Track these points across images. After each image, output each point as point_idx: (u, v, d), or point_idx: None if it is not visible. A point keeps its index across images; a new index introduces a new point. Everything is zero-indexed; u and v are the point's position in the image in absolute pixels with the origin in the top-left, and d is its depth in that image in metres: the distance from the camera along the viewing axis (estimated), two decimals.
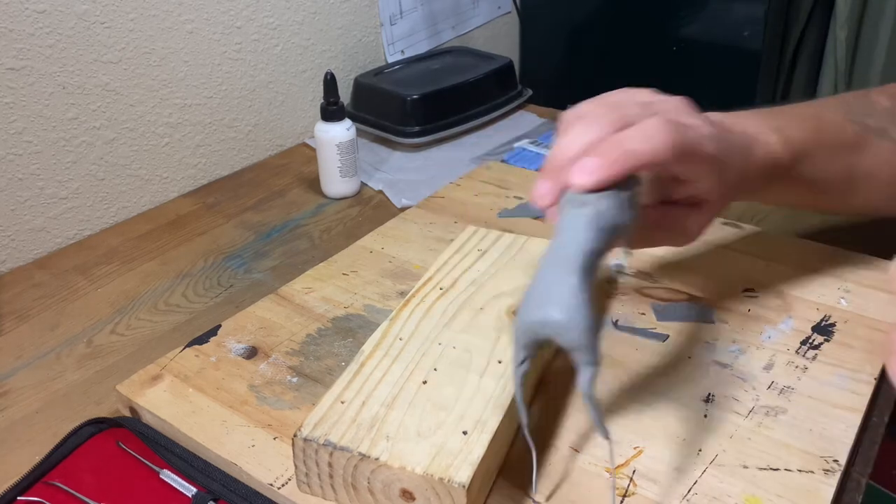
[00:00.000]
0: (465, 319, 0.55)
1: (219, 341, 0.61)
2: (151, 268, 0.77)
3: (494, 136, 1.05)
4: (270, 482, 0.48)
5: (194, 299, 0.72)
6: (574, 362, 0.40)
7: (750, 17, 1.23)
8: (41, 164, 0.78)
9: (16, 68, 0.74)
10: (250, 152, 1.00)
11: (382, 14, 1.14)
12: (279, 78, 1.01)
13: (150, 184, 0.89)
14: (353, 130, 0.87)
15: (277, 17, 0.98)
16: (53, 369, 0.63)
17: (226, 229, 0.84)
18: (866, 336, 0.59)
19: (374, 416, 0.46)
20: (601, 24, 1.39)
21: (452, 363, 0.51)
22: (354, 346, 0.60)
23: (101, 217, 0.85)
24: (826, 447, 0.49)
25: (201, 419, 0.53)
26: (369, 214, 0.86)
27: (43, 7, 0.75)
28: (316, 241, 0.81)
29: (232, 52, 0.94)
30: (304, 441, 0.45)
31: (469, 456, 0.44)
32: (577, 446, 0.50)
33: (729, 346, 0.58)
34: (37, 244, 0.80)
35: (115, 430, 0.53)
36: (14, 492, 0.48)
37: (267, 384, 0.56)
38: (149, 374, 0.57)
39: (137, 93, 0.85)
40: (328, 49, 1.07)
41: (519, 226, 0.77)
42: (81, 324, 0.69)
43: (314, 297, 0.66)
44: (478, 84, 1.07)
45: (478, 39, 1.35)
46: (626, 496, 0.46)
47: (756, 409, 0.52)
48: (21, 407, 0.59)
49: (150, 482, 0.49)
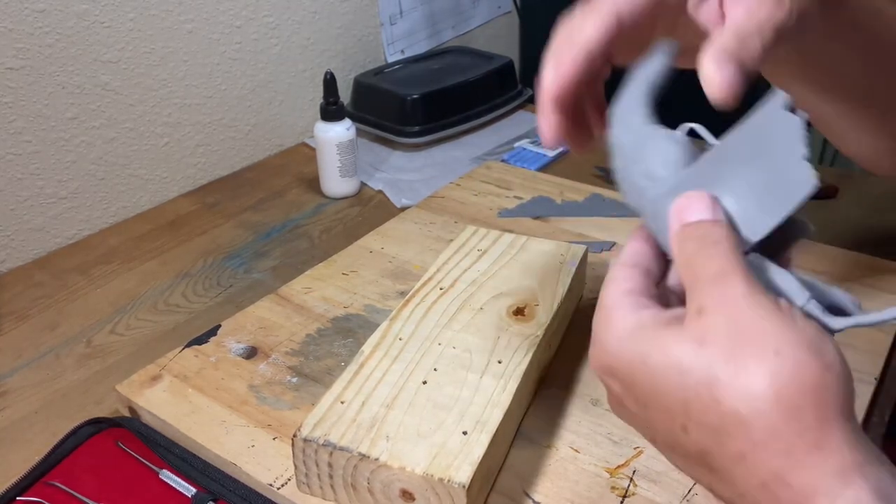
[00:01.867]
0: (464, 319, 0.55)
1: (218, 341, 0.61)
2: (151, 268, 0.77)
3: (494, 136, 1.05)
4: (270, 482, 0.48)
5: (194, 299, 0.72)
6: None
7: None
8: (41, 163, 0.78)
9: (15, 68, 0.74)
10: (250, 152, 1.00)
11: (382, 14, 1.14)
12: (279, 77, 1.01)
13: (150, 183, 0.89)
14: (352, 130, 0.87)
15: (277, 17, 0.98)
16: (53, 369, 0.63)
17: (225, 229, 0.84)
18: (866, 336, 0.59)
19: (374, 416, 0.46)
20: None
21: (452, 363, 0.51)
22: (354, 346, 0.60)
23: (101, 217, 0.85)
24: None
25: (201, 419, 0.53)
26: (369, 214, 0.86)
27: (42, 6, 0.75)
28: (316, 241, 0.81)
29: (231, 52, 0.94)
30: (303, 441, 0.45)
31: (469, 456, 0.44)
32: (577, 446, 0.50)
33: None
34: (36, 244, 0.80)
35: (114, 430, 0.53)
36: (13, 492, 0.48)
37: (267, 384, 0.56)
38: (148, 374, 0.57)
39: (137, 92, 0.85)
40: (328, 49, 1.07)
41: (519, 226, 0.77)
42: (81, 324, 0.69)
43: (314, 296, 0.66)
44: (478, 84, 1.07)
45: (478, 39, 1.35)
46: (626, 496, 0.46)
47: None
48: (20, 407, 0.59)
49: (150, 482, 0.49)
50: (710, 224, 0.33)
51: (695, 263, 0.32)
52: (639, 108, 0.41)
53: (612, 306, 0.34)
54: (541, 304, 0.57)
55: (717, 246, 0.32)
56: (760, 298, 0.29)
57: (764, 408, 0.27)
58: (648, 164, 0.39)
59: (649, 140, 0.39)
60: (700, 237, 0.32)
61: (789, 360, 0.27)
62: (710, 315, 0.30)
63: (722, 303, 0.30)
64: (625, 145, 0.41)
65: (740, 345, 0.28)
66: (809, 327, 0.29)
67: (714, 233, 0.32)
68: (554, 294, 0.58)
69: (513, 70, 1.13)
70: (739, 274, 0.30)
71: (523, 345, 0.53)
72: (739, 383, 0.28)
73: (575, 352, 0.59)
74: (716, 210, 0.33)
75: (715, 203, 0.34)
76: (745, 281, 0.30)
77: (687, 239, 0.33)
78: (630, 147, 0.40)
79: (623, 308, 0.33)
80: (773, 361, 0.27)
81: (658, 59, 0.41)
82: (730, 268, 0.30)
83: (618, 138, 0.41)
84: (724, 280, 0.30)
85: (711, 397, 0.28)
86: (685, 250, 0.33)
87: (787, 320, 0.29)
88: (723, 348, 0.29)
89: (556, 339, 0.59)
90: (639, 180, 0.39)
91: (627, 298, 0.34)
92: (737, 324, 0.29)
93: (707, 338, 0.29)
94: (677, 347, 0.30)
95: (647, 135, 0.39)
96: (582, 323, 0.61)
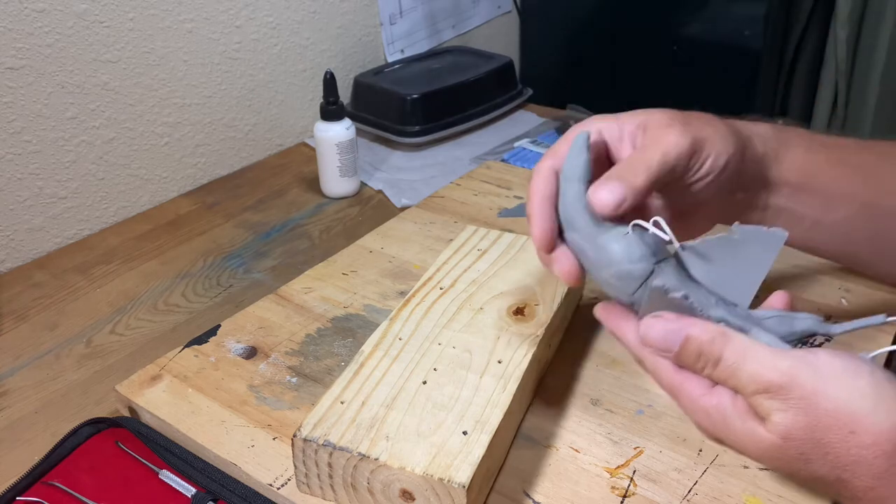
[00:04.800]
0: (464, 319, 0.55)
1: (218, 341, 0.61)
2: (151, 267, 0.77)
3: (494, 135, 1.05)
4: (270, 482, 0.48)
5: (194, 299, 0.72)
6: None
7: (750, 16, 1.23)
8: (40, 163, 0.78)
9: (15, 67, 0.74)
10: (250, 152, 1.00)
11: (382, 13, 1.14)
12: (279, 77, 1.01)
13: (150, 183, 0.89)
14: (352, 130, 0.87)
15: (277, 17, 0.98)
16: (52, 369, 0.63)
17: (225, 229, 0.84)
18: (867, 336, 0.59)
19: (374, 417, 0.46)
20: (601, 24, 1.39)
21: (452, 363, 0.51)
22: (354, 346, 0.60)
23: (101, 217, 0.85)
24: None
25: (200, 419, 0.53)
26: (369, 214, 0.86)
27: (42, 6, 0.74)
28: (315, 241, 0.81)
29: (231, 52, 0.94)
30: (303, 441, 0.45)
31: (469, 456, 0.44)
32: (577, 446, 0.50)
33: None
34: (36, 244, 0.80)
35: (114, 431, 0.53)
36: (13, 492, 0.48)
37: (266, 384, 0.56)
38: (148, 374, 0.57)
39: (137, 92, 0.85)
40: (328, 48, 1.07)
41: (519, 226, 0.77)
42: (81, 324, 0.69)
43: (314, 296, 0.66)
44: (478, 83, 1.07)
45: (478, 39, 1.35)
46: (626, 496, 0.46)
47: None
48: (20, 407, 0.59)
49: (150, 482, 0.49)
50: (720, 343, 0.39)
51: (740, 377, 0.38)
52: (582, 211, 0.43)
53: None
54: (541, 303, 0.57)
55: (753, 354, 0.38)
56: (816, 383, 0.36)
57: (858, 472, 0.36)
58: (618, 267, 0.42)
59: (608, 243, 0.42)
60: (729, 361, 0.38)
61: (867, 436, 0.35)
62: (782, 417, 0.37)
63: (790, 407, 0.36)
64: (585, 251, 0.43)
65: (822, 431, 0.36)
66: (863, 384, 0.36)
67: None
68: (554, 294, 0.58)
69: (513, 70, 1.13)
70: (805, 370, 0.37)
71: (523, 345, 0.53)
72: (832, 458, 0.36)
73: (575, 352, 0.59)
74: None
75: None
76: (798, 376, 0.36)
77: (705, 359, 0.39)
78: (592, 253, 0.43)
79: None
80: (854, 440, 0.35)
81: (581, 155, 0.44)
82: (779, 374, 0.36)
83: (575, 244, 0.44)
84: (781, 385, 0.36)
85: (813, 470, 0.37)
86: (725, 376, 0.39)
87: (843, 389, 0.36)
88: (807, 440, 0.36)
89: (557, 339, 0.59)
90: (614, 282, 0.42)
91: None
92: (809, 416, 0.36)
93: (792, 434, 0.37)
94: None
95: (603, 239, 0.42)
96: (582, 323, 0.61)
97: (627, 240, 0.41)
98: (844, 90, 1.37)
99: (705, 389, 0.40)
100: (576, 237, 0.44)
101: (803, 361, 0.36)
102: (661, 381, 0.42)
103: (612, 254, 0.42)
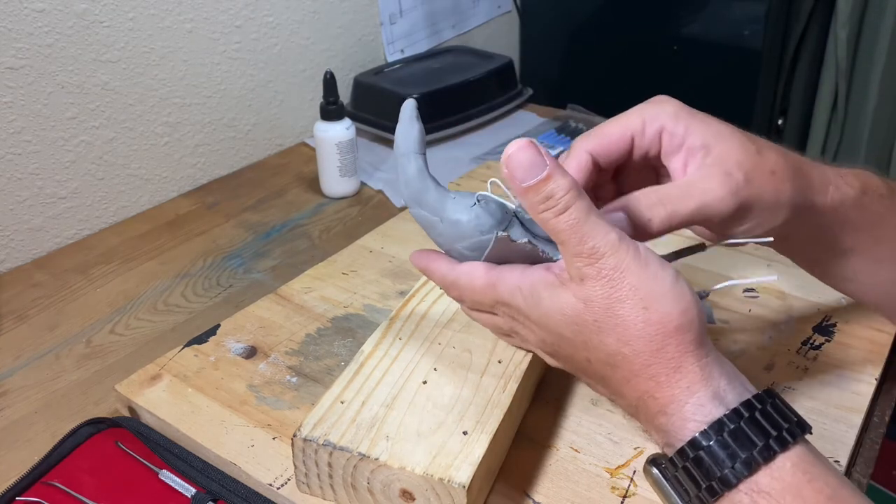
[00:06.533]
0: (464, 319, 0.55)
1: (218, 341, 0.61)
2: (150, 267, 0.77)
3: (494, 135, 1.05)
4: (270, 482, 0.48)
5: (193, 299, 0.72)
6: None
7: (750, 16, 1.23)
8: (40, 163, 0.78)
9: (15, 67, 0.74)
10: (249, 152, 1.00)
11: (382, 13, 1.14)
12: (279, 77, 1.01)
13: (150, 183, 0.89)
14: (352, 130, 0.87)
15: (277, 16, 0.98)
16: (52, 369, 0.63)
17: (225, 229, 0.84)
18: (867, 336, 0.59)
19: (374, 416, 0.46)
20: (601, 24, 1.39)
21: (452, 363, 0.51)
22: (354, 346, 0.60)
23: (101, 217, 0.85)
24: (827, 447, 0.49)
25: (200, 419, 0.53)
26: (369, 214, 0.86)
27: (42, 6, 0.74)
28: (315, 241, 0.81)
29: (231, 52, 0.94)
30: (303, 441, 0.45)
31: (469, 456, 0.44)
32: (577, 446, 0.50)
33: (730, 347, 0.58)
34: (36, 244, 0.80)
35: (114, 431, 0.53)
36: (13, 492, 0.48)
37: (266, 384, 0.56)
38: (148, 373, 0.57)
39: (136, 92, 0.85)
40: (328, 48, 1.07)
41: None
42: (80, 324, 0.69)
43: (314, 296, 0.66)
44: (478, 83, 1.07)
45: (478, 38, 1.35)
46: (626, 496, 0.46)
47: None
48: (20, 407, 0.59)
49: (150, 482, 0.49)
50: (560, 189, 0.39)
51: (569, 237, 0.39)
52: (428, 184, 0.44)
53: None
54: None
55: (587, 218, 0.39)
56: (630, 261, 0.38)
57: (638, 348, 0.38)
58: (471, 240, 0.43)
59: (457, 217, 0.43)
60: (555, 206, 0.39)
61: (655, 314, 0.38)
62: (590, 283, 0.39)
63: (600, 275, 0.38)
64: (434, 225, 0.45)
65: (619, 301, 0.38)
66: (667, 275, 0.38)
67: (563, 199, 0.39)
68: None
69: (513, 70, 1.13)
70: (620, 247, 0.38)
71: None
72: (620, 331, 0.38)
73: None
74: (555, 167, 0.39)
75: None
76: (618, 251, 0.38)
77: (537, 205, 0.39)
78: (442, 227, 0.44)
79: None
80: (643, 315, 0.38)
81: (413, 127, 0.44)
82: (605, 242, 0.38)
83: (422, 219, 0.45)
84: (602, 253, 0.38)
85: (601, 341, 0.39)
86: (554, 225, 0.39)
87: (649, 274, 0.38)
88: (604, 308, 0.39)
89: None
90: (468, 253, 0.44)
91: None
92: (614, 288, 0.38)
93: (593, 299, 0.39)
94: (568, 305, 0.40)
95: (451, 212, 0.44)
96: None
97: (475, 212, 0.43)
98: (844, 90, 1.37)
99: (522, 269, 0.43)
100: (422, 213, 0.44)
101: (628, 241, 0.39)
102: (475, 283, 0.44)
103: (463, 227, 0.43)
